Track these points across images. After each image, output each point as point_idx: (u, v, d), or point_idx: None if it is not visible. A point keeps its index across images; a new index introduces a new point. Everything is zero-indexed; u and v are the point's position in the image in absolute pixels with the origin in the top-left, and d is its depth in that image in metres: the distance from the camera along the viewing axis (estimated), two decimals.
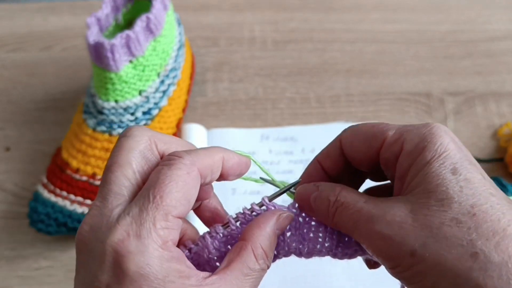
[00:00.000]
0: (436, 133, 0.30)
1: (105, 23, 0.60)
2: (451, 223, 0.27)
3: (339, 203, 0.31)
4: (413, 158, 0.29)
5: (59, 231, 0.58)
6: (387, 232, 0.28)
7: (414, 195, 0.28)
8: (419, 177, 0.29)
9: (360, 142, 0.32)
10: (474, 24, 0.81)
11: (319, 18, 0.81)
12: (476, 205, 0.27)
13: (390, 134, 0.31)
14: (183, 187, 0.28)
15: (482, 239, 0.26)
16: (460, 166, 0.28)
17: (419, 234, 0.27)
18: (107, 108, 0.59)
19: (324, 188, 0.33)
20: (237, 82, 0.73)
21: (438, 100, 0.72)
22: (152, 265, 0.26)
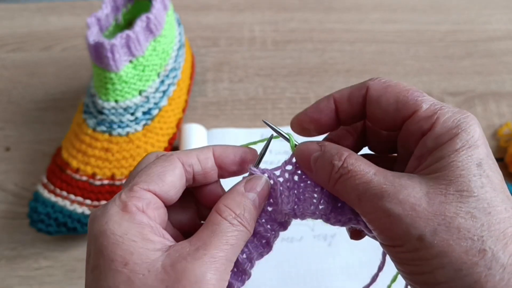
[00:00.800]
0: (470, 123, 0.29)
1: (105, 23, 0.60)
2: (466, 216, 0.26)
3: (345, 170, 0.29)
4: (441, 142, 0.28)
5: (59, 231, 0.58)
6: (397, 211, 0.27)
7: (433, 179, 0.28)
8: (443, 163, 0.28)
9: (389, 102, 0.30)
10: (474, 24, 0.81)
11: (319, 18, 0.81)
12: (493, 204, 0.27)
13: (423, 108, 0.29)
14: (158, 170, 0.31)
15: (493, 238, 0.26)
16: (485, 163, 0.28)
17: (432, 219, 0.26)
18: (107, 108, 0.59)
19: (329, 149, 0.31)
20: (237, 82, 0.73)
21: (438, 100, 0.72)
22: (110, 223, 0.28)
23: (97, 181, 0.59)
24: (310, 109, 0.34)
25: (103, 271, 0.27)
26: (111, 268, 0.27)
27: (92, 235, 0.29)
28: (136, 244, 0.28)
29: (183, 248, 0.28)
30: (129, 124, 0.60)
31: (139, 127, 0.60)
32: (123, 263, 0.27)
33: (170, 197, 0.32)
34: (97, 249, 0.28)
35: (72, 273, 0.59)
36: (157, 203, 0.31)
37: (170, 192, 0.31)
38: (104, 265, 0.27)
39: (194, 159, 0.32)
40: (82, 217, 0.58)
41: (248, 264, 0.31)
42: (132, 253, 0.27)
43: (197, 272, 0.27)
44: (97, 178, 0.59)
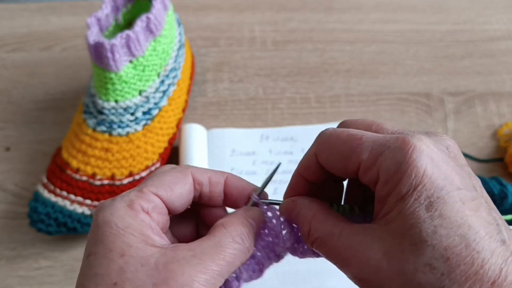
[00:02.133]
0: (411, 160, 0.27)
1: (105, 23, 0.60)
2: (425, 269, 0.26)
3: (313, 237, 0.31)
4: (389, 190, 0.28)
5: (59, 231, 0.58)
6: (363, 276, 0.28)
7: (389, 232, 0.27)
8: (395, 212, 0.27)
9: (335, 161, 0.31)
10: (474, 24, 0.81)
11: (319, 18, 0.81)
12: (450, 247, 0.26)
13: (364, 158, 0.29)
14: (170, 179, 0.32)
15: (455, 285, 0.25)
16: (436, 199, 0.26)
17: (395, 280, 0.27)
18: (107, 108, 0.59)
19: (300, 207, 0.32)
20: (237, 82, 0.73)
21: (438, 100, 0.72)
22: (115, 215, 0.29)
23: (97, 181, 0.59)
24: (287, 191, 0.35)
25: (98, 258, 0.28)
26: (107, 256, 0.28)
27: (96, 223, 0.30)
28: (135, 239, 0.29)
29: (180, 251, 0.29)
30: (129, 124, 0.60)
31: (139, 127, 0.60)
32: (120, 254, 0.28)
33: (175, 207, 0.33)
34: (98, 237, 0.29)
35: (72, 273, 0.58)
36: (162, 209, 0.32)
37: (176, 202, 0.32)
38: (101, 252, 0.28)
39: (206, 179, 0.34)
40: (82, 217, 0.58)
41: (235, 283, 0.32)
42: (130, 246, 0.28)
43: (186, 277, 0.27)
44: (97, 178, 0.59)
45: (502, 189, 0.59)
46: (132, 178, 0.60)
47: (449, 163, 0.28)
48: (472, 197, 0.27)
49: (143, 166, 0.61)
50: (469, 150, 0.66)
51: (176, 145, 0.66)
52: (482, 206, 0.27)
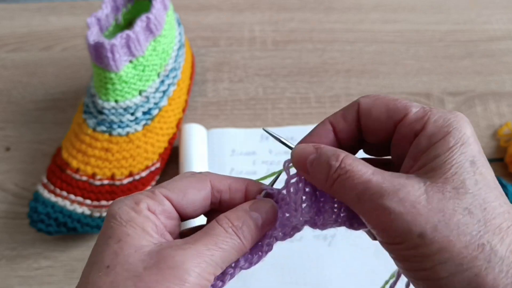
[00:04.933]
0: (462, 122, 0.30)
1: (105, 23, 0.60)
2: (464, 212, 0.27)
3: (343, 170, 0.29)
4: (434, 141, 0.29)
5: (59, 231, 0.58)
6: (398, 209, 0.27)
7: (430, 177, 0.28)
8: (438, 162, 0.28)
9: (380, 111, 0.31)
10: (474, 24, 0.81)
11: (319, 18, 0.81)
12: (487, 200, 0.28)
13: (413, 111, 0.30)
14: (184, 184, 0.32)
15: (490, 232, 0.27)
16: (478, 160, 0.29)
17: (432, 216, 0.27)
18: (107, 108, 0.59)
19: (325, 151, 0.31)
20: (237, 82, 0.73)
21: (438, 100, 0.72)
22: (121, 209, 0.30)
23: (97, 181, 0.59)
24: (308, 136, 0.34)
25: (98, 245, 0.30)
26: (106, 242, 0.29)
27: (106, 217, 0.31)
28: (134, 230, 0.29)
29: (174, 242, 0.30)
30: (129, 124, 0.60)
31: (139, 127, 0.60)
32: (117, 240, 0.29)
33: (187, 212, 0.33)
34: (103, 229, 0.30)
35: (72, 273, 0.59)
36: (171, 214, 0.32)
37: (188, 208, 0.32)
38: (102, 240, 0.30)
39: (226, 186, 0.34)
40: (82, 217, 0.58)
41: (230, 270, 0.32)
42: (128, 235, 0.29)
43: (177, 259, 0.28)
44: (97, 178, 0.59)
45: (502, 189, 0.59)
46: (132, 178, 0.60)
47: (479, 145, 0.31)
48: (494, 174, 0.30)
49: (143, 166, 0.61)
50: None
51: (176, 145, 0.66)
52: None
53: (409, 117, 0.30)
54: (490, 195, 0.28)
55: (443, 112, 0.30)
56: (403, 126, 0.31)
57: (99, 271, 0.28)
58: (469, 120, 0.30)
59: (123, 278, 0.27)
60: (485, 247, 0.26)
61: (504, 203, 0.28)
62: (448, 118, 0.30)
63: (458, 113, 0.30)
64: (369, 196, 0.28)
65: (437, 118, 0.30)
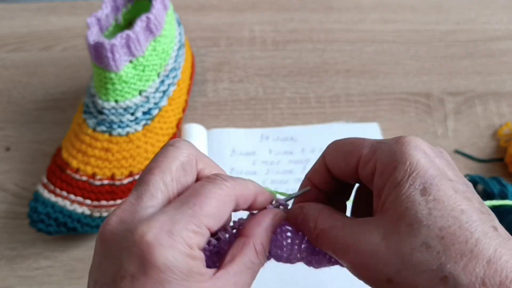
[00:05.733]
0: (406, 151, 0.29)
1: (105, 23, 0.60)
2: (421, 248, 0.27)
3: (317, 230, 0.32)
4: (385, 179, 0.29)
5: (59, 231, 0.58)
6: (362, 261, 0.29)
7: (387, 218, 0.29)
8: (391, 199, 0.29)
9: (340, 159, 0.33)
10: (474, 24, 0.81)
11: (319, 18, 0.81)
12: (444, 227, 0.27)
13: (364, 153, 0.31)
14: (220, 206, 0.30)
15: (451, 262, 0.26)
16: (429, 185, 0.28)
17: (393, 261, 0.27)
18: (107, 108, 0.59)
19: (307, 211, 0.33)
20: (237, 82, 0.73)
21: (438, 100, 0.72)
22: (179, 260, 0.27)
23: (97, 181, 0.59)
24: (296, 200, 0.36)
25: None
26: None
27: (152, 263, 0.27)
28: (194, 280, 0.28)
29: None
30: (129, 124, 0.60)
31: (139, 127, 0.60)
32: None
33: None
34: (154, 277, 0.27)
35: (72, 273, 0.59)
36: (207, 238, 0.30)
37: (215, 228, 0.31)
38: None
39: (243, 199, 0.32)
40: (82, 217, 0.58)
41: None
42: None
43: None
44: (97, 178, 0.59)
45: (502, 189, 0.59)
46: (132, 178, 0.60)
47: (441, 160, 0.30)
48: (463, 190, 0.29)
49: (143, 166, 0.61)
50: (469, 150, 0.66)
51: None
52: (473, 198, 0.29)
53: (362, 159, 0.31)
54: (447, 220, 0.27)
55: (389, 146, 0.30)
56: (361, 170, 0.32)
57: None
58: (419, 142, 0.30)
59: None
60: (448, 279, 0.26)
61: (465, 223, 0.27)
62: (393, 152, 0.30)
63: (404, 140, 0.30)
64: (338, 251, 0.30)
65: (384, 156, 0.30)
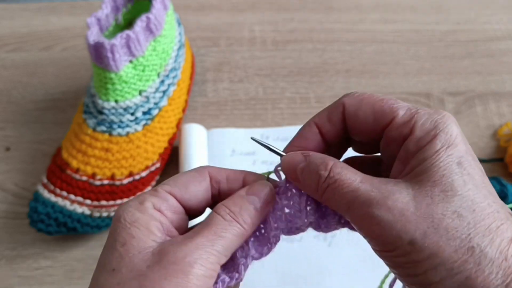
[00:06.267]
0: (448, 123, 0.30)
1: (105, 23, 0.60)
2: (453, 215, 0.27)
3: (332, 179, 0.30)
4: (422, 145, 0.29)
5: (59, 231, 0.58)
6: (387, 218, 0.28)
7: (418, 182, 0.28)
8: (426, 165, 0.29)
9: (366, 114, 0.31)
10: (474, 24, 0.81)
11: (319, 18, 0.81)
12: (476, 201, 0.28)
13: (400, 114, 0.31)
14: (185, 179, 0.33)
15: (479, 234, 0.27)
16: (465, 160, 0.29)
17: (421, 223, 0.27)
18: (107, 108, 0.59)
19: (314, 159, 0.31)
20: (237, 82, 0.73)
21: (438, 100, 0.72)
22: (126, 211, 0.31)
23: (97, 181, 0.59)
24: (295, 139, 0.34)
25: (105, 249, 0.30)
26: (112, 246, 0.30)
27: (112, 220, 0.31)
28: (139, 231, 0.30)
29: (175, 238, 0.30)
30: (129, 124, 0.60)
31: (139, 127, 0.60)
32: (122, 243, 0.29)
33: (192, 205, 0.33)
34: (110, 232, 0.31)
35: (72, 273, 0.59)
36: (177, 208, 0.32)
37: (191, 201, 0.33)
38: (108, 244, 0.30)
39: (223, 177, 0.34)
40: (82, 217, 0.58)
41: (242, 260, 0.31)
42: (133, 237, 0.29)
43: (178, 254, 0.28)
44: (97, 178, 0.59)
45: (502, 189, 0.59)
46: (132, 178, 0.60)
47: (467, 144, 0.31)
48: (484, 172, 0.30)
49: (143, 166, 0.61)
50: None
51: (176, 145, 0.66)
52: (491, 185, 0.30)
53: (396, 121, 0.30)
54: (478, 196, 0.28)
55: (429, 114, 0.30)
56: (391, 131, 0.31)
57: (106, 274, 0.28)
58: (455, 120, 0.31)
59: (128, 279, 0.28)
60: (475, 250, 0.26)
61: (493, 202, 0.28)
62: (434, 120, 0.30)
63: (444, 113, 0.30)
64: (358, 205, 0.29)
65: (424, 121, 0.30)
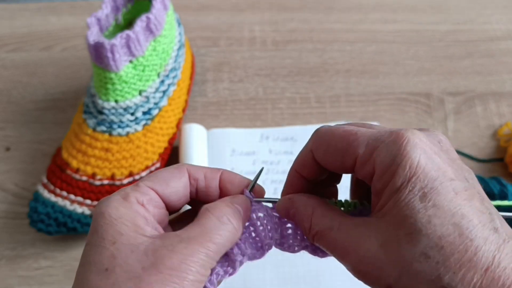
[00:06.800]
0: (405, 152, 0.28)
1: (105, 23, 0.60)
2: (420, 258, 0.27)
3: (314, 231, 0.32)
4: (385, 183, 0.28)
5: (59, 231, 0.58)
6: (361, 268, 0.29)
7: (385, 223, 0.28)
8: (390, 204, 0.28)
9: (333, 157, 0.31)
10: (474, 24, 0.81)
11: (319, 18, 0.81)
12: (444, 236, 0.26)
13: (360, 152, 0.29)
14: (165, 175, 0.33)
15: (450, 273, 0.26)
16: (429, 190, 0.27)
17: (393, 270, 0.27)
18: (107, 108, 0.59)
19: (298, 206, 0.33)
20: (237, 82, 0.73)
21: (438, 100, 0.72)
22: (109, 207, 0.30)
23: (97, 181, 0.59)
24: (284, 188, 0.36)
25: (93, 246, 0.30)
26: (100, 245, 0.29)
27: (94, 216, 0.31)
28: (127, 228, 0.30)
29: (168, 239, 0.30)
30: (129, 124, 0.60)
31: (139, 127, 0.60)
32: (112, 241, 0.29)
33: (172, 201, 0.33)
34: (94, 228, 0.30)
35: (72, 273, 0.58)
36: (158, 203, 0.32)
37: (172, 196, 0.33)
38: (96, 242, 0.30)
39: (201, 175, 0.34)
40: (82, 217, 0.58)
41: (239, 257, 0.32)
42: (122, 234, 0.29)
43: (174, 260, 0.28)
44: (97, 178, 0.59)
45: (502, 189, 0.59)
46: (132, 178, 0.60)
47: (441, 155, 0.29)
48: (464, 187, 0.28)
49: (143, 166, 0.61)
50: (469, 150, 0.66)
51: (176, 145, 0.66)
52: (475, 196, 0.28)
53: (358, 161, 0.30)
54: (447, 228, 0.26)
55: (387, 146, 0.28)
56: (358, 172, 0.30)
57: (98, 274, 0.28)
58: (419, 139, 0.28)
59: (123, 280, 0.28)
60: None
61: (466, 229, 0.26)
62: (392, 154, 0.28)
63: (403, 138, 0.28)
64: (338, 254, 0.30)
65: (383, 158, 0.28)
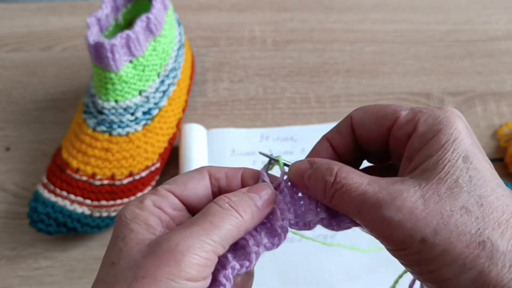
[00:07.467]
0: (451, 117, 0.30)
1: (105, 23, 0.60)
2: (461, 211, 0.27)
3: (339, 184, 0.30)
4: (426, 140, 0.29)
5: (59, 231, 0.58)
6: (397, 218, 0.28)
7: (425, 179, 0.28)
8: (431, 161, 0.29)
9: (372, 120, 0.33)
10: (474, 24, 0.81)
11: (319, 18, 0.81)
12: (484, 196, 0.28)
13: (403, 114, 0.31)
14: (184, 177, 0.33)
15: (489, 228, 0.27)
16: (471, 154, 0.29)
17: (430, 220, 0.27)
18: (107, 108, 0.59)
19: (320, 165, 0.32)
20: (237, 82, 0.73)
21: (438, 100, 0.72)
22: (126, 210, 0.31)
23: (97, 181, 0.59)
24: (309, 155, 0.35)
25: (108, 246, 0.30)
26: (114, 242, 0.30)
27: (115, 220, 0.32)
28: (138, 226, 0.30)
29: (173, 229, 0.30)
30: (129, 124, 0.60)
31: (139, 127, 0.60)
32: (122, 237, 0.30)
33: (192, 202, 0.33)
34: (113, 230, 0.31)
35: (72, 273, 0.59)
36: (177, 205, 0.32)
37: (191, 197, 0.33)
38: (110, 241, 0.31)
39: (222, 174, 0.34)
40: (82, 217, 0.58)
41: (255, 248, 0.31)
42: (132, 231, 0.30)
43: (171, 243, 0.28)
44: (97, 178, 0.59)
45: None
46: (132, 178, 0.60)
47: (472, 137, 0.31)
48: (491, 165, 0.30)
49: (143, 166, 0.61)
50: None
51: (176, 145, 0.66)
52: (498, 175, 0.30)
53: (399, 121, 0.31)
54: (486, 190, 0.28)
55: (432, 111, 0.31)
56: (396, 131, 0.31)
57: (106, 268, 0.29)
58: (460, 114, 0.31)
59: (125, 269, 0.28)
60: (486, 244, 0.27)
61: (502, 196, 0.28)
62: (437, 116, 0.30)
63: (448, 108, 0.31)
64: (367, 208, 0.29)
65: (427, 117, 0.30)
